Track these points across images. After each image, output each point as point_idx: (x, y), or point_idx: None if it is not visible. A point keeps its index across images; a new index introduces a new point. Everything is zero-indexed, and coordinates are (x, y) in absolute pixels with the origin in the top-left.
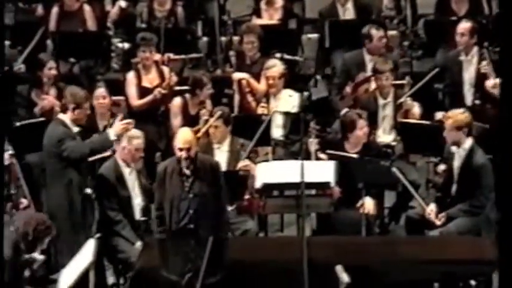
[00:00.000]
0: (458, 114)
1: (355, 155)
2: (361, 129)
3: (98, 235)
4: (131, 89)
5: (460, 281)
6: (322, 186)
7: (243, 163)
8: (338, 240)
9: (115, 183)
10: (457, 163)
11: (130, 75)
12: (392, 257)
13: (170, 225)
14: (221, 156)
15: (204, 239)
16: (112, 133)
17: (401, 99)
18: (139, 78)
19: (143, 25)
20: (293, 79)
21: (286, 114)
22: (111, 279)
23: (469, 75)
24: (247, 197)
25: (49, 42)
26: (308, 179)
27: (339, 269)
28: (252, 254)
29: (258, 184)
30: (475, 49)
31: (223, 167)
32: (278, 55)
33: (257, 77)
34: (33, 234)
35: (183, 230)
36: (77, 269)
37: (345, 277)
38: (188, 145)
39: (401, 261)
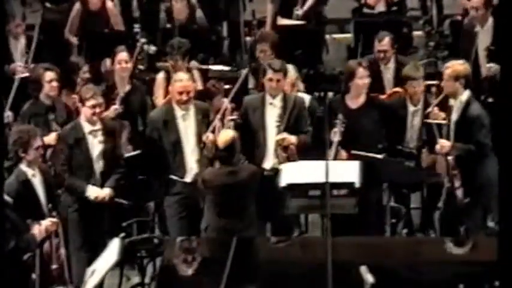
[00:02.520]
0: (457, 65)
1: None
2: (361, 78)
3: (122, 234)
4: (159, 91)
5: (486, 282)
6: (347, 187)
7: (281, 136)
8: (363, 241)
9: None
10: (454, 117)
11: (160, 76)
12: (418, 257)
13: None
14: (273, 110)
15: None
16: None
17: (429, 109)
18: (168, 80)
19: (168, 25)
20: (317, 79)
21: None
22: (136, 279)
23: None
24: None
25: (74, 40)
26: (333, 179)
27: (363, 269)
28: (275, 254)
29: (282, 184)
30: (490, 20)
31: (275, 122)
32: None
33: None
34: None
35: None
36: (102, 268)
37: (369, 278)
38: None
39: (426, 262)
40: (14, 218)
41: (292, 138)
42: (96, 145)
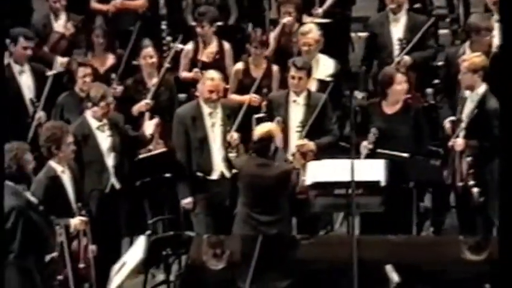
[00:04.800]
0: (474, 57)
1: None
2: (400, 84)
3: (148, 232)
4: (184, 60)
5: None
6: (373, 185)
7: (301, 142)
8: (388, 239)
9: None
10: (467, 108)
11: (188, 46)
12: (443, 256)
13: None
14: (297, 109)
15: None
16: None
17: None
18: (196, 51)
19: (193, 23)
20: (343, 76)
21: (321, 82)
22: (161, 277)
23: None
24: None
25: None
26: (358, 177)
27: (389, 268)
28: (302, 252)
29: (308, 182)
30: None
31: (298, 120)
32: None
33: None
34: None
35: None
36: (128, 266)
37: (395, 277)
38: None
39: (452, 261)
40: (38, 220)
41: (311, 145)
42: (104, 140)
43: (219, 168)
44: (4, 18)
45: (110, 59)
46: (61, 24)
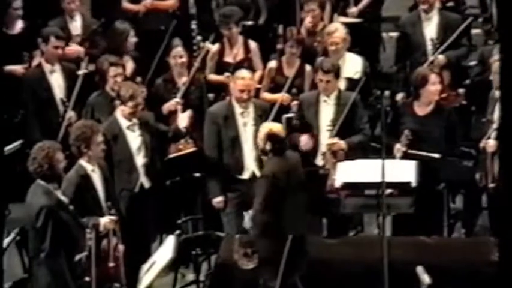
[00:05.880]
0: None
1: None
2: (434, 84)
3: (178, 232)
4: (210, 63)
5: None
6: (403, 186)
7: (331, 140)
8: (419, 241)
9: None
10: (499, 109)
11: (214, 48)
12: (475, 258)
13: None
14: (327, 108)
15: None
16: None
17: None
18: (222, 52)
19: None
20: (374, 76)
21: (349, 80)
22: (190, 276)
23: None
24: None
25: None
26: (389, 178)
27: (420, 269)
28: (332, 253)
29: (338, 183)
30: None
31: (328, 120)
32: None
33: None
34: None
35: None
36: (157, 265)
37: (426, 278)
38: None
39: (483, 263)
40: (68, 219)
41: (342, 144)
42: (134, 139)
43: (250, 167)
44: (36, 18)
45: (130, 63)
46: (77, 26)
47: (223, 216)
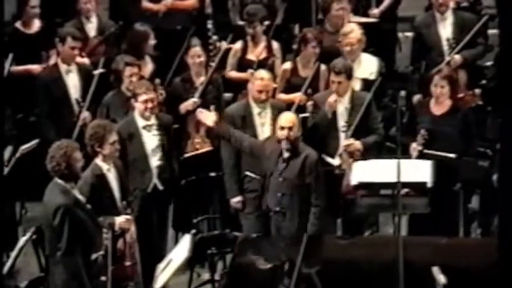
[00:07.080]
0: None
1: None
2: (436, 86)
3: (193, 231)
4: (231, 60)
5: None
6: (419, 186)
7: (347, 141)
8: (435, 241)
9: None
10: None
11: (237, 46)
12: (491, 258)
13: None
14: (342, 109)
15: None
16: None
17: None
18: (245, 50)
19: (240, 22)
20: (389, 76)
21: (365, 80)
22: (206, 276)
23: None
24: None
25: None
26: (404, 178)
27: (435, 270)
28: (347, 253)
29: (353, 182)
30: None
31: (343, 120)
32: None
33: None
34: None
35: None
36: (173, 264)
37: (441, 278)
38: (290, 124)
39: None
40: (84, 218)
41: (358, 144)
42: (150, 140)
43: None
44: (53, 17)
45: (150, 65)
46: (93, 27)
47: (241, 217)
